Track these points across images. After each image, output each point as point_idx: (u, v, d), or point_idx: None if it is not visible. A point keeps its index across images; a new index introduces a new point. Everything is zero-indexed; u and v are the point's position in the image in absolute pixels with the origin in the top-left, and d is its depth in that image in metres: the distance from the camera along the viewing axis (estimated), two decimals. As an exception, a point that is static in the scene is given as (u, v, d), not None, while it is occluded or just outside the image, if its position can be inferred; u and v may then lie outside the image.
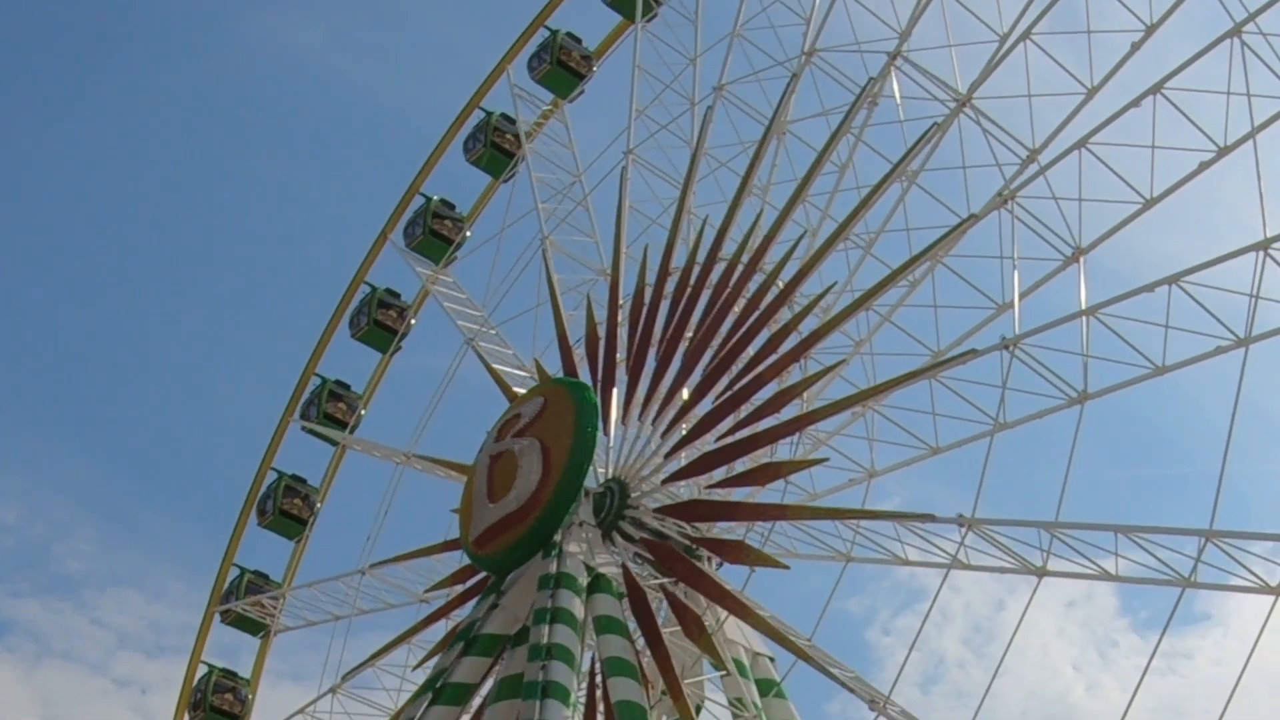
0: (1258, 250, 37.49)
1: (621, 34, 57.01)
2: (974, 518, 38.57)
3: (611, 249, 48.89)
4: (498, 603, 40.82)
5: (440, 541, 48.45)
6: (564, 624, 38.36)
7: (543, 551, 40.91)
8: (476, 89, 58.96)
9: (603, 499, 42.37)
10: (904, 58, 44.42)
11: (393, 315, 58.75)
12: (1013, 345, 39.90)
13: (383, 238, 59.43)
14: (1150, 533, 36.97)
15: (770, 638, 40.86)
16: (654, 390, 43.85)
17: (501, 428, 44.16)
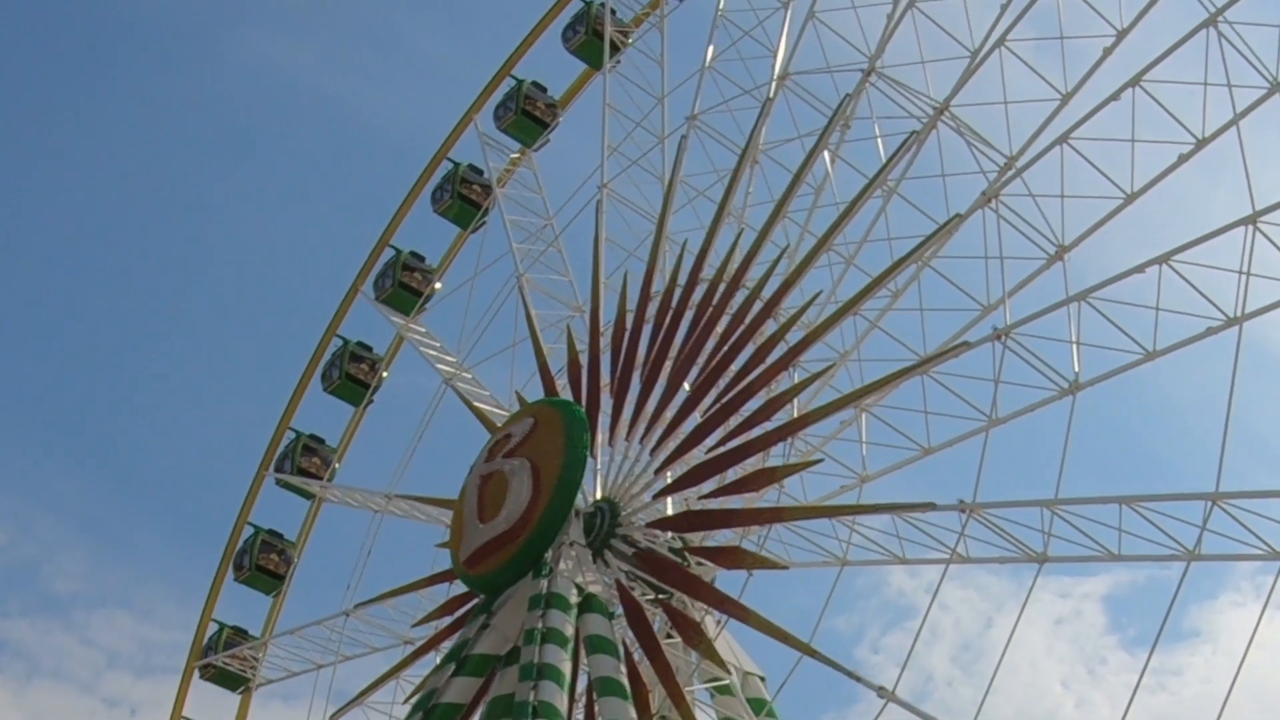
0: (1246, 225, 37.75)
1: (588, 80, 58.03)
2: (974, 503, 38.78)
3: (588, 284, 49.28)
4: (488, 623, 40.76)
5: (426, 576, 48.30)
6: (555, 644, 38.31)
7: (533, 571, 40.84)
8: (444, 140, 60.04)
9: (593, 519, 42.30)
10: (879, 74, 44.88)
11: (364, 369, 58.96)
12: (1004, 335, 40.18)
13: (354, 291, 59.72)
14: (1154, 500, 36.90)
15: (773, 636, 40.48)
16: (640, 410, 43.82)
17: (492, 448, 44.28)
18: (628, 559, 42.07)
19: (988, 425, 40.41)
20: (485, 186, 58.45)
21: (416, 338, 57.53)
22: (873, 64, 45.30)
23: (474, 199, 58.56)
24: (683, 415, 43.25)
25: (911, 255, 43.00)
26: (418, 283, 58.69)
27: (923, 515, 39.69)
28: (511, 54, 58.56)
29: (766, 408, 42.37)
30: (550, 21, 57.90)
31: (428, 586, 48.40)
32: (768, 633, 40.44)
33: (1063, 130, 42.07)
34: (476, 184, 58.66)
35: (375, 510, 54.18)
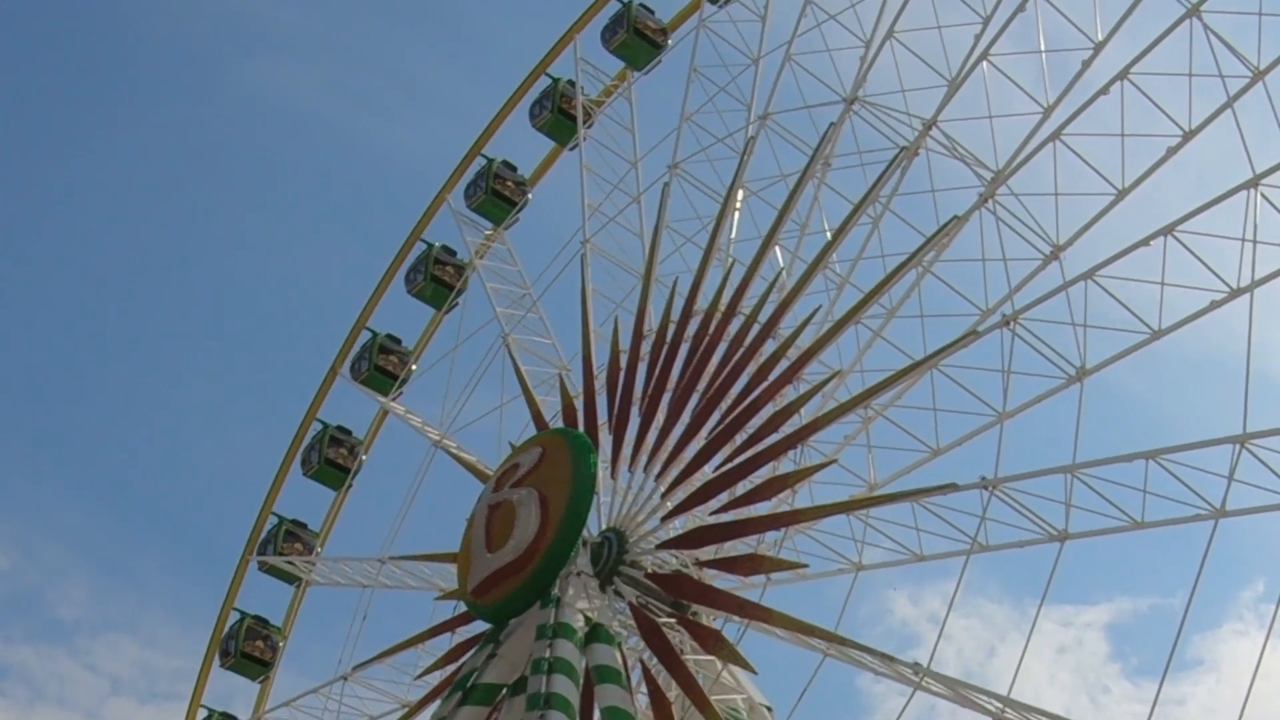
0: (1248, 189, 38.31)
1: (559, 155, 59.13)
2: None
3: (571, 345, 50.11)
4: (496, 652, 40.81)
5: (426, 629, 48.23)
6: (562, 674, 38.33)
7: (541, 601, 40.96)
8: (418, 220, 60.56)
9: (600, 548, 42.54)
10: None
11: (344, 453, 59.06)
12: (1013, 320, 40.86)
13: (333, 373, 60.07)
14: (1181, 451, 37.16)
15: (798, 632, 40.76)
16: (641, 441, 44.10)
17: (500, 478, 44.39)
18: (638, 584, 42.44)
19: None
20: (459, 267, 59.24)
21: (400, 412, 58.21)
22: (855, 93, 46.63)
23: (447, 280, 59.14)
24: (686, 439, 43.56)
25: (912, 260, 43.62)
26: (394, 365, 59.14)
27: (942, 501, 40.48)
28: (481, 133, 59.57)
29: (773, 421, 42.88)
30: (519, 99, 59.02)
31: (429, 639, 48.48)
32: (792, 628, 40.76)
33: (1048, 140, 42.88)
34: (450, 264, 59.32)
35: (365, 586, 54.50)
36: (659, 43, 57.00)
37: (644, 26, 56.79)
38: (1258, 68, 40.36)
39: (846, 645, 39.88)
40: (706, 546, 42.78)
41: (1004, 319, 41.38)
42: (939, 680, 38.53)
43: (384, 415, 59.35)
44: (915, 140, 44.74)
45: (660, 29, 57.08)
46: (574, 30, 58.22)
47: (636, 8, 57.05)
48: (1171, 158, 41.61)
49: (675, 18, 57.35)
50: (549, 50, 58.66)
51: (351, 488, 58.99)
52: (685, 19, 56.86)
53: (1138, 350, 40.49)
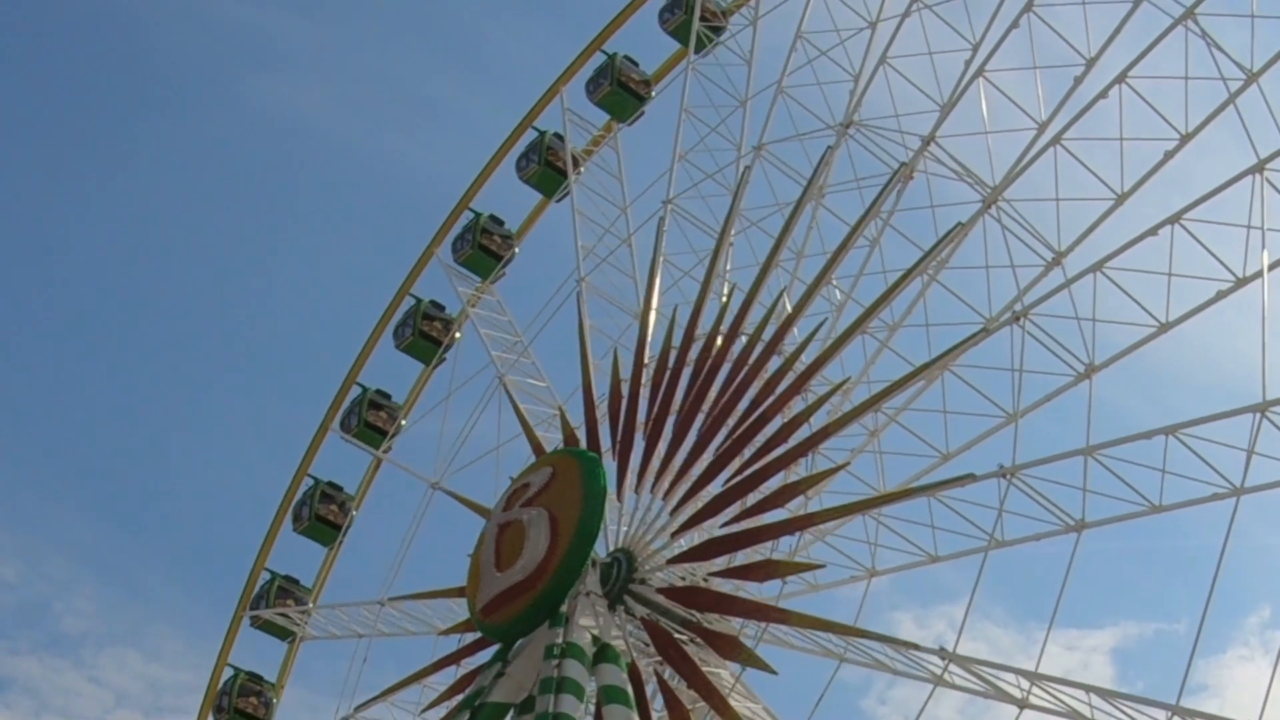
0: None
1: (544, 210, 59.47)
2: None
3: (565, 387, 50.57)
4: (504, 671, 40.88)
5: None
6: (569, 694, 38.34)
7: (549, 621, 40.91)
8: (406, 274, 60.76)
9: (610, 569, 42.53)
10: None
11: (335, 510, 58.63)
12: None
13: (323, 430, 59.76)
14: (1201, 424, 37.63)
15: (817, 629, 40.76)
16: (668, 462, 44.06)
17: (510, 497, 44.37)
18: (649, 602, 42.35)
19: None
20: (446, 322, 59.21)
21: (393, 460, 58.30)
22: (850, 118, 47.11)
23: (435, 335, 59.09)
24: (705, 480, 43.49)
25: (916, 268, 43.96)
26: (383, 421, 58.85)
27: (959, 495, 40.72)
28: (469, 186, 60.11)
29: (782, 493, 42.70)
30: (506, 151, 59.28)
31: (433, 674, 47.89)
32: (811, 626, 40.80)
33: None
34: (438, 319, 59.33)
35: (361, 635, 54.28)
36: (643, 94, 57.31)
37: (628, 79, 57.23)
38: (1251, 70, 41.62)
39: (867, 636, 40.17)
40: (718, 558, 42.87)
41: (1013, 315, 41.76)
42: (966, 664, 38.70)
43: (377, 465, 59.18)
44: (913, 157, 45.25)
45: (644, 80, 57.53)
46: (560, 82, 58.59)
47: (621, 60, 57.51)
48: (1169, 161, 42.38)
49: (661, 67, 58.19)
50: (535, 104, 59.23)
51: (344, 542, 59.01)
52: (672, 67, 57.77)
53: (1147, 344, 40.97)
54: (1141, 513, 39.01)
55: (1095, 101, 43.36)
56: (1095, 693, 37.38)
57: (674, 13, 56.87)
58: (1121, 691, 37.03)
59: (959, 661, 38.70)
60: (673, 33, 57.07)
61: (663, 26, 57.37)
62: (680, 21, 56.59)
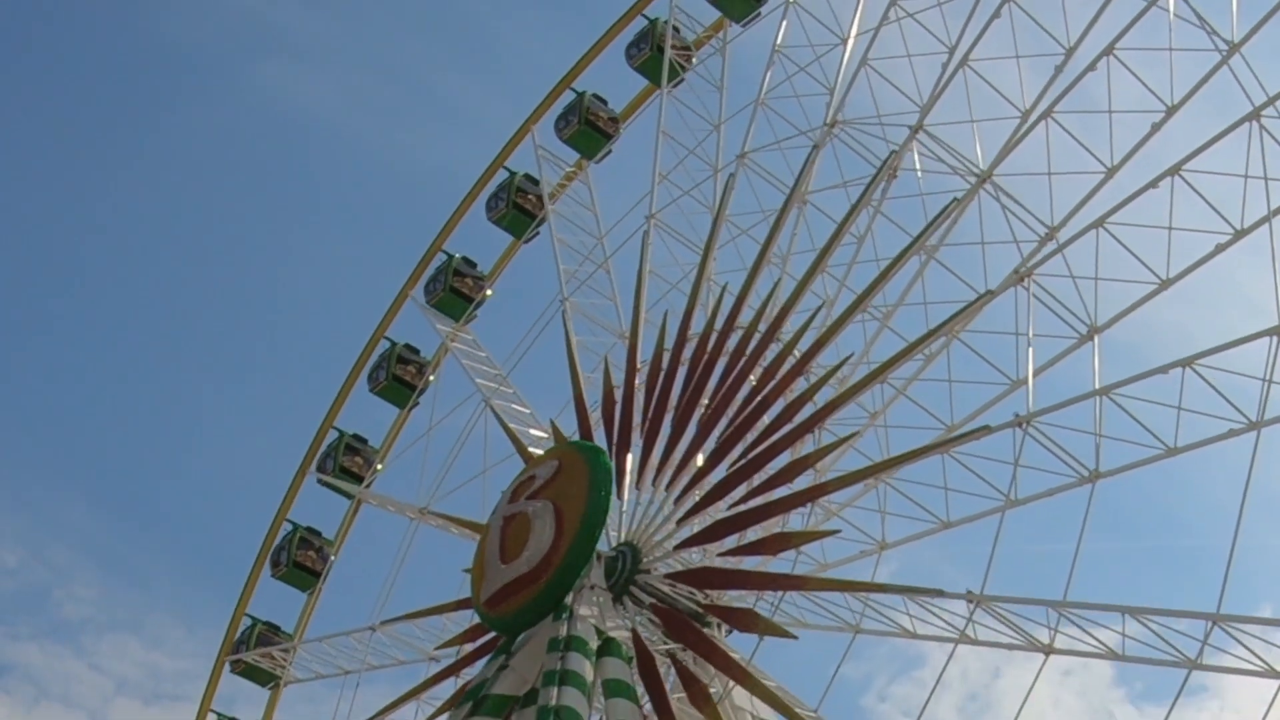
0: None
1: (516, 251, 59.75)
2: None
3: (554, 407, 49.85)
4: (507, 664, 40.68)
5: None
6: (573, 686, 38.17)
7: (553, 614, 40.75)
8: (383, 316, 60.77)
9: (614, 563, 42.37)
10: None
11: (312, 555, 58.48)
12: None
13: (302, 471, 59.75)
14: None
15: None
16: (668, 456, 44.00)
17: (515, 489, 44.18)
18: (657, 591, 42.22)
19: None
20: (420, 366, 59.25)
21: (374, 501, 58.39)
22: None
23: (408, 379, 58.88)
24: (709, 467, 43.44)
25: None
26: (359, 467, 58.93)
27: (973, 450, 40.76)
28: (443, 227, 60.17)
29: (790, 469, 42.71)
30: (479, 191, 59.62)
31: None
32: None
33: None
34: (412, 363, 59.26)
35: (349, 672, 54.17)
36: (610, 132, 57.57)
37: (596, 117, 57.58)
38: (1233, 41, 42.09)
39: (887, 590, 40.36)
40: (727, 538, 42.69)
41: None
42: (993, 605, 38.60)
43: (358, 505, 59.07)
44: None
45: (612, 118, 57.83)
46: (530, 122, 59.05)
47: (589, 98, 57.87)
48: (1156, 133, 42.62)
49: (632, 101, 58.56)
50: (505, 144, 59.65)
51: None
52: (643, 100, 58.20)
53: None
54: (1158, 456, 39.03)
55: (1083, 75, 43.81)
56: (1129, 612, 37.49)
57: (640, 49, 57.19)
58: (1158, 608, 37.27)
59: (987, 604, 38.79)
60: (639, 68, 57.46)
61: (629, 63, 57.71)
62: (646, 58, 56.93)
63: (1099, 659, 38.69)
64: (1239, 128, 40.54)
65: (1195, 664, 36.61)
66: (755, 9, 55.44)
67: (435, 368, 59.20)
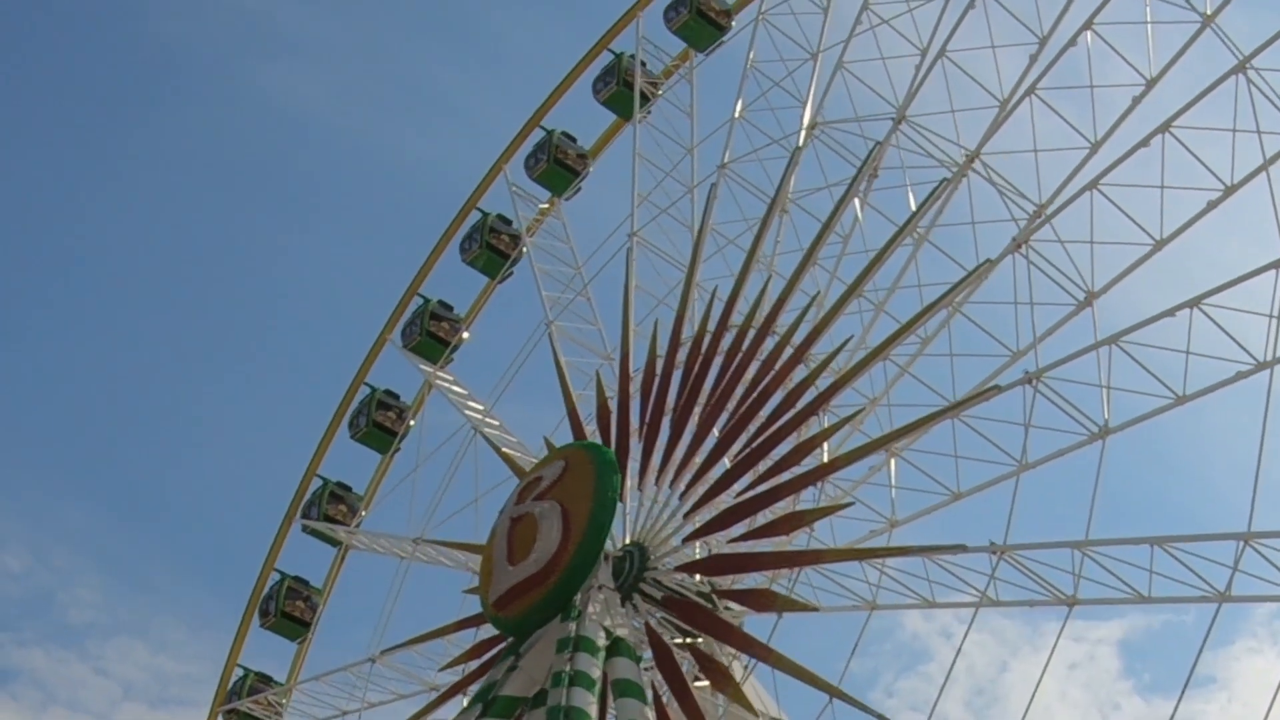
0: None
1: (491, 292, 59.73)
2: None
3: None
4: (516, 664, 40.58)
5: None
6: (582, 687, 38.11)
7: (562, 614, 40.68)
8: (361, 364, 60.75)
9: (622, 563, 42.23)
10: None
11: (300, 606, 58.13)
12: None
13: (287, 520, 59.52)
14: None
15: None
16: (669, 456, 43.92)
17: (522, 491, 44.18)
18: (657, 603, 42.05)
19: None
20: (400, 411, 59.23)
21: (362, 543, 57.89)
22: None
23: (389, 426, 59.01)
24: (712, 460, 43.40)
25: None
26: (343, 515, 58.86)
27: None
28: (418, 272, 60.49)
29: (796, 452, 42.70)
30: (454, 233, 59.92)
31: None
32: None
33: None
34: (393, 409, 59.26)
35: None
36: (578, 169, 58.20)
37: (565, 155, 58.10)
38: (1206, 13, 42.32)
39: (908, 553, 40.07)
40: (736, 525, 42.55)
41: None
42: (1017, 554, 38.39)
43: (345, 551, 58.91)
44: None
45: (581, 155, 58.35)
46: (502, 160, 59.42)
47: (558, 136, 58.41)
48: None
49: (605, 132, 58.79)
50: (477, 185, 60.09)
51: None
52: (617, 131, 58.50)
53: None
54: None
55: (1064, 51, 43.99)
56: (1156, 543, 37.12)
57: (606, 83, 57.61)
58: (1183, 534, 36.92)
59: (1010, 554, 38.62)
60: (606, 103, 57.85)
61: (596, 98, 58.11)
62: (613, 93, 57.32)
63: (1125, 604, 38.65)
64: (1226, 82, 41.06)
65: (1226, 596, 36.48)
66: (718, 38, 56.13)
67: (417, 411, 59.28)
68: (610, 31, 57.84)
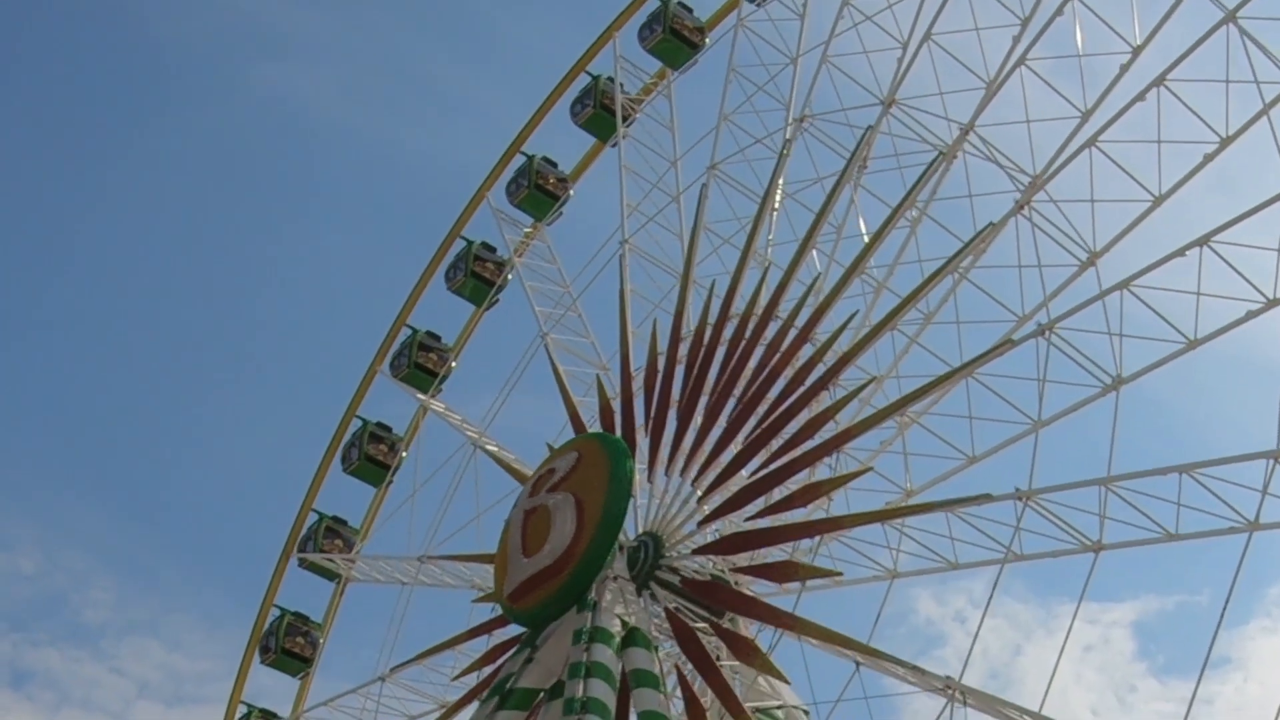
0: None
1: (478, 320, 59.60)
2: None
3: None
4: (533, 657, 40.74)
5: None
6: (599, 678, 38.17)
7: (577, 605, 40.67)
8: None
9: (636, 553, 42.18)
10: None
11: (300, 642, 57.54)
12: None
13: (285, 557, 59.23)
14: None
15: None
16: (678, 446, 43.86)
17: (535, 482, 44.10)
18: (674, 588, 41.87)
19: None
20: (392, 444, 59.03)
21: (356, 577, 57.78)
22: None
23: (380, 459, 58.88)
24: (723, 444, 43.30)
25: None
26: (339, 548, 58.54)
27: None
28: (404, 303, 60.65)
29: (808, 427, 42.59)
30: (438, 264, 59.96)
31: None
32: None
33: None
34: (385, 441, 59.11)
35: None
36: (559, 194, 58.45)
37: (545, 180, 58.31)
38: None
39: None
40: (742, 553, 42.44)
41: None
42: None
43: (344, 584, 58.57)
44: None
45: (561, 179, 58.60)
46: (484, 188, 59.48)
47: (539, 162, 58.71)
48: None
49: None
50: (462, 212, 60.31)
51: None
52: (600, 150, 58.56)
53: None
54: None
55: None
56: (1183, 470, 36.89)
57: (584, 105, 57.86)
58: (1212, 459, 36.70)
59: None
60: (584, 125, 58.14)
61: (574, 120, 58.38)
62: (590, 115, 57.64)
63: (1152, 544, 38.23)
64: (1216, 35, 41.07)
65: (1256, 525, 36.13)
66: (693, 55, 56.52)
67: (409, 443, 59.11)
68: (587, 53, 58.18)
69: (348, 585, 58.00)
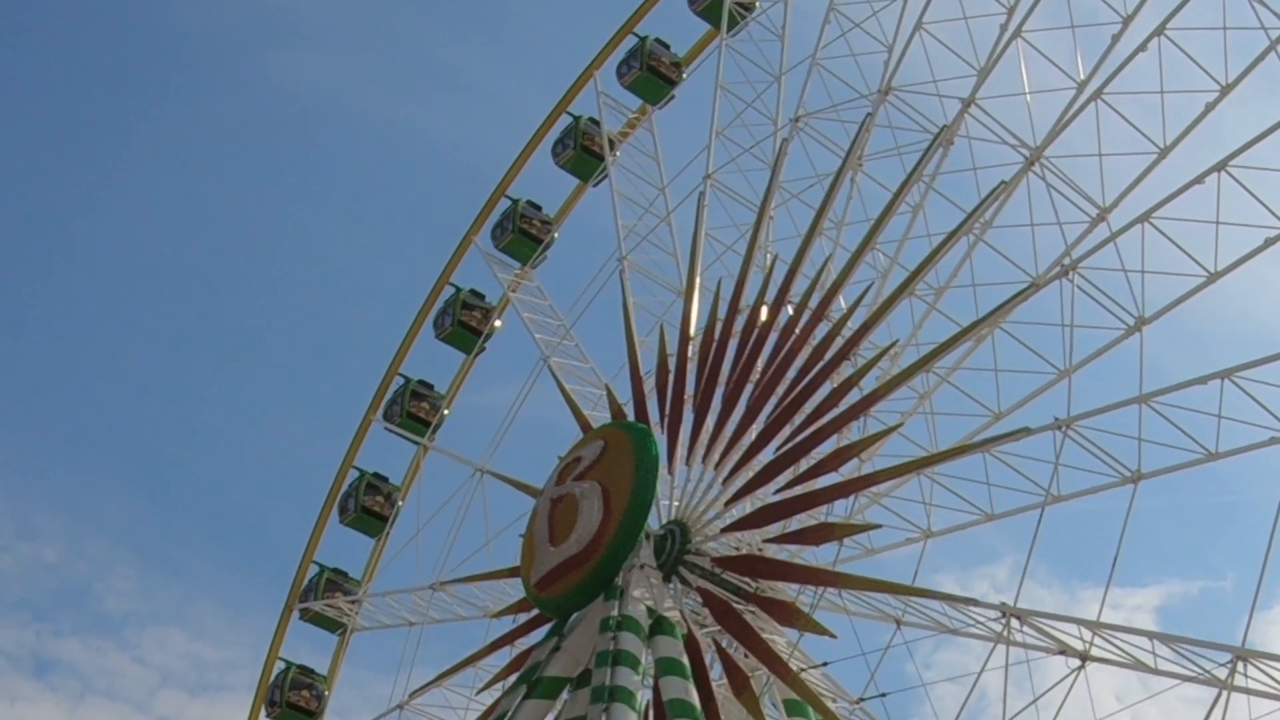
0: None
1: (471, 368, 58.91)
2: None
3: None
4: (560, 645, 40.57)
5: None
6: (626, 666, 38.14)
7: (604, 594, 40.40)
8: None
9: (664, 541, 41.79)
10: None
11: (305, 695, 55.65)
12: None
13: (289, 610, 57.77)
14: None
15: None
16: (718, 433, 43.47)
17: (562, 471, 43.71)
18: (704, 571, 41.43)
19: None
20: (389, 495, 57.89)
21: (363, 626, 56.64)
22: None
23: (377, 510, 57.69)
24: (744, 428, 43.15)
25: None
26: (336, 613, 57.08)
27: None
28: (395, 355, 59.65)
29: (835, 456, 42.22)
30: (427, 313, 58.93)
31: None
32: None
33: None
34: (381, 492, 57.96)
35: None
36: (541, 237, 57.80)
37: (529, 224, 57.77)
38: (1281, 27, 41.65)
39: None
40: (772, 524, 42.18)
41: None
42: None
43: (348, 636, 56.86)
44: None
45: (545, 221, 58.09)
46: (472, 232, 58.64)
47: (524, 205, 58.11)
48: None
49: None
50: (450, 257, 59.26)
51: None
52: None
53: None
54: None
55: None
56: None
57: (566, 147, 57.33)
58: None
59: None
60: (565, 167, 57.59)
61: (555, 162, 57.84)
62: (571, 157, 57.15)
63: (1192, 465, 38.27)
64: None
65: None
66: (669, 91, 56.30)
67: (405, 493, 58.00)
68: (568, 94, 57.99)
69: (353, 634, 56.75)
